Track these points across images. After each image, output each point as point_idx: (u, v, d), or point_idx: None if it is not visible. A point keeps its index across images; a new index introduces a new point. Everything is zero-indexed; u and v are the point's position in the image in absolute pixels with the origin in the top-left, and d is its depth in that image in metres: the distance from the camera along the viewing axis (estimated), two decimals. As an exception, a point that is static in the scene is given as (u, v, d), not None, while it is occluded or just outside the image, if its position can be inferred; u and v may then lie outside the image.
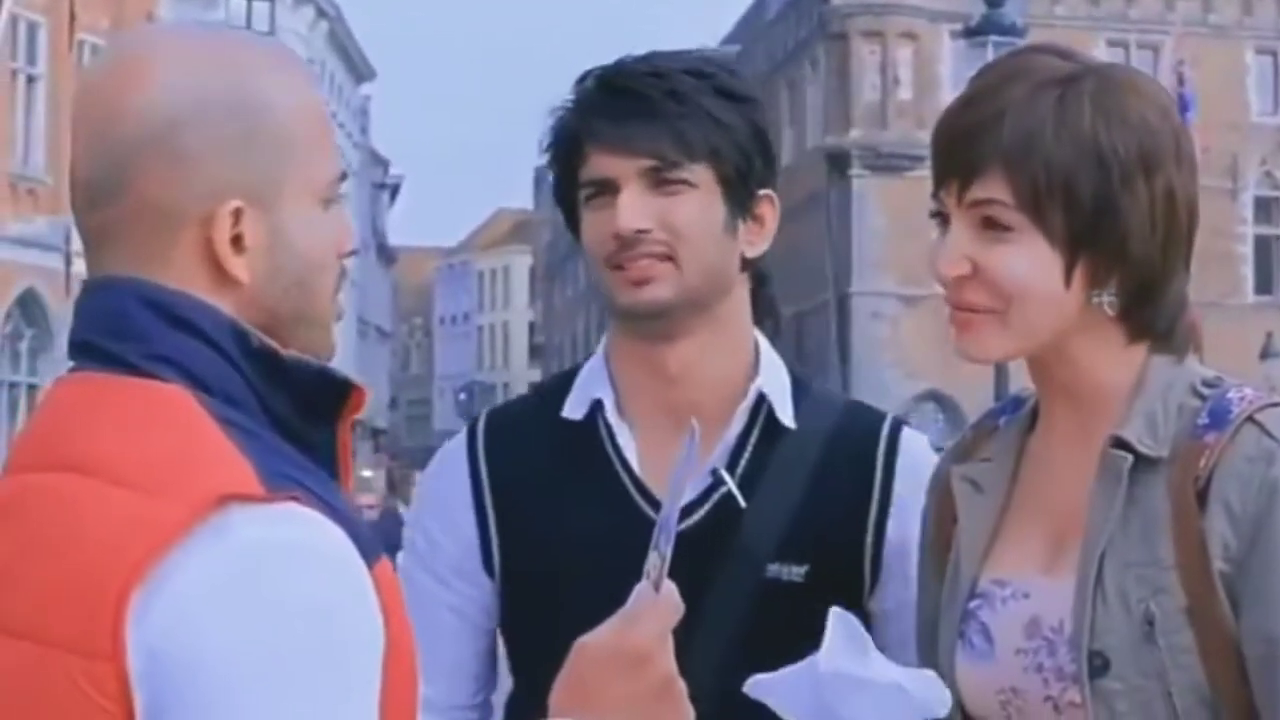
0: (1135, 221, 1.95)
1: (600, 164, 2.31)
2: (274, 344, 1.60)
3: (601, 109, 2.31)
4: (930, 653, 2.15)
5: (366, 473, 25.57)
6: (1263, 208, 48.93)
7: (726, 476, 2.33)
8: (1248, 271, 48.16)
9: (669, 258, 2.29)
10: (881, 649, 2.17)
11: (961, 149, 1.97)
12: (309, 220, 1.63)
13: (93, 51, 30.83)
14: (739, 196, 2.33)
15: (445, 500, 2.46)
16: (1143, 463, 1.95)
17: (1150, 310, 2.00)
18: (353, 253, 1.70)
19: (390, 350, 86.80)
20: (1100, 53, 46.59)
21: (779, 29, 52.34)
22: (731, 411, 2.36)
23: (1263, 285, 48.43)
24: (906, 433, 2.44)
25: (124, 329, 1.56)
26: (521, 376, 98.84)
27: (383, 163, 78.55)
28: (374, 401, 68.69)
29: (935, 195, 2.01)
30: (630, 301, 2.31)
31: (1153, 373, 2.01)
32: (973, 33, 21.63)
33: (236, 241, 1.58)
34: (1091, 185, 1.93)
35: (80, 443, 1.52)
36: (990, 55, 21.01)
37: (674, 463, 1.82)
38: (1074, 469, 2.03)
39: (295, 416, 1.60)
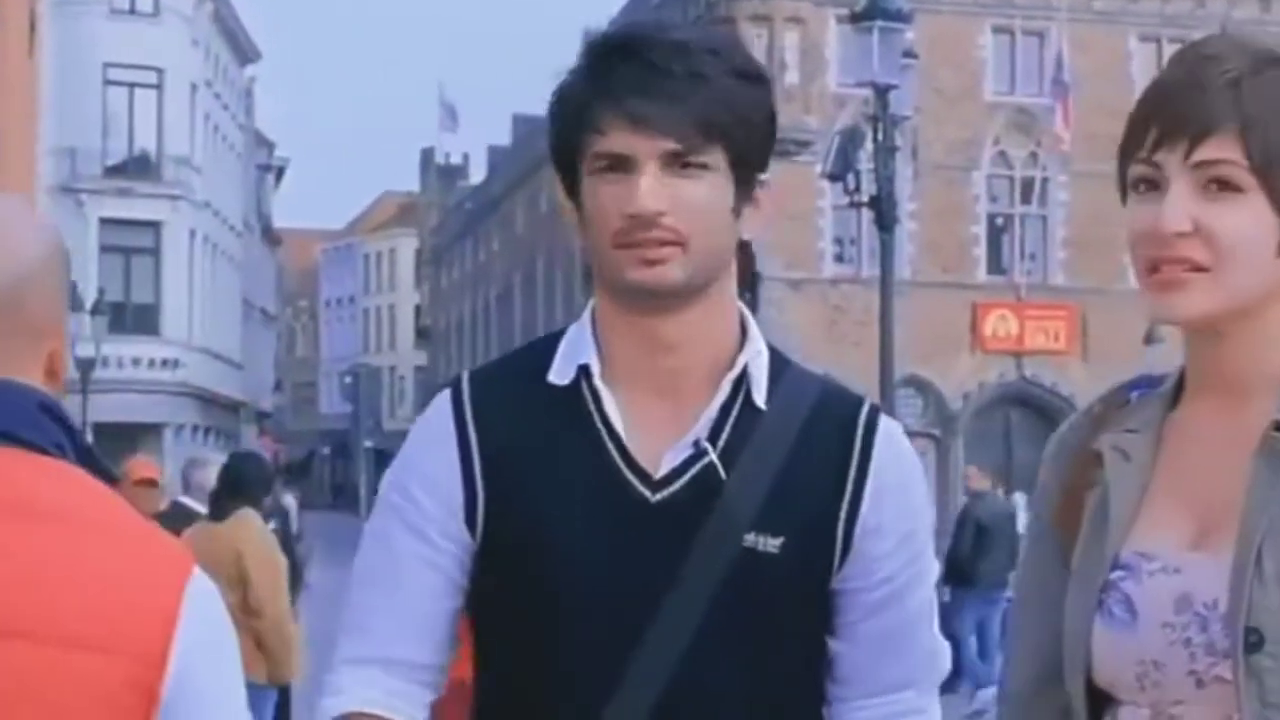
0: None
1: (619, 140, 2.27)
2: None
3: (624, 82, 2.28)
4: (1046, 623, 2.15)
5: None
6: (1145, 193, 49.46)
7: (709, 448, 2.34)
8: (1130, 256, 48.68)
9: (678, 242, 2.28)
10: (839, 626, 2.40)
11: (1193, 109, 2.00)
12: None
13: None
14: (745, 180, 2.33)
15: (429, 460, 2.41)
16: None
17: None
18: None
19: (276, 333, 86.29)
20: (986, 38, 47.38)
21: (665, 12, 52.27)
22: (717, 383, 2.37)
23: (1144, 270, 48.99)
24: (884, 418, 2.45)
25: (36, 424, 1.93)
26: (408, 359, 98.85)
27: (267, 144, 77.96)
28: (259, 385, 68.36)
29: (1147, 159, 2.03)
30: (639, 280, 2.29)
31: None
32: (859, 17, 21.76)
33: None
34: None
35: (48, 502, 1.87)
36: (876, 40, 21.17)
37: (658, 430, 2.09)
38: (1225, 447, 2.06)
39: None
